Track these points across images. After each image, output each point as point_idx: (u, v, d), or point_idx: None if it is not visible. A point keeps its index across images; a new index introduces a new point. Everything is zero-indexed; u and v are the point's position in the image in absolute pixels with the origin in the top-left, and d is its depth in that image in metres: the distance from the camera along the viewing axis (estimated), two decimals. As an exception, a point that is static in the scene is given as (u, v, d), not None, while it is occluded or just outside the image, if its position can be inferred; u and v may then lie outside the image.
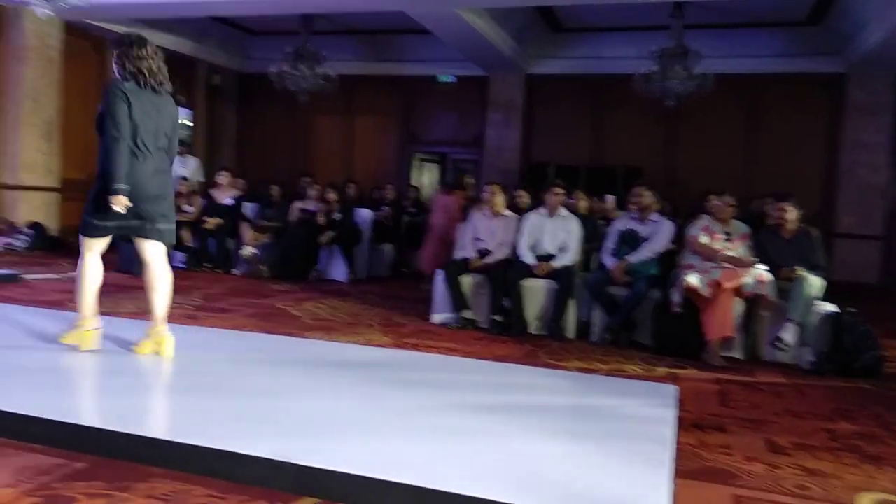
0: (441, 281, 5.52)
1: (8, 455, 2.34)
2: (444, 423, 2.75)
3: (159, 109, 3.46)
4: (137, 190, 3.35)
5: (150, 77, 3.42)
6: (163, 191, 3.51)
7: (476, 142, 11.60)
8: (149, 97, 3.41)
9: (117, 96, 3.31)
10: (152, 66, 3.43)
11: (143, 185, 3.38)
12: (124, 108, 3.30)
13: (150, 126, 3.39)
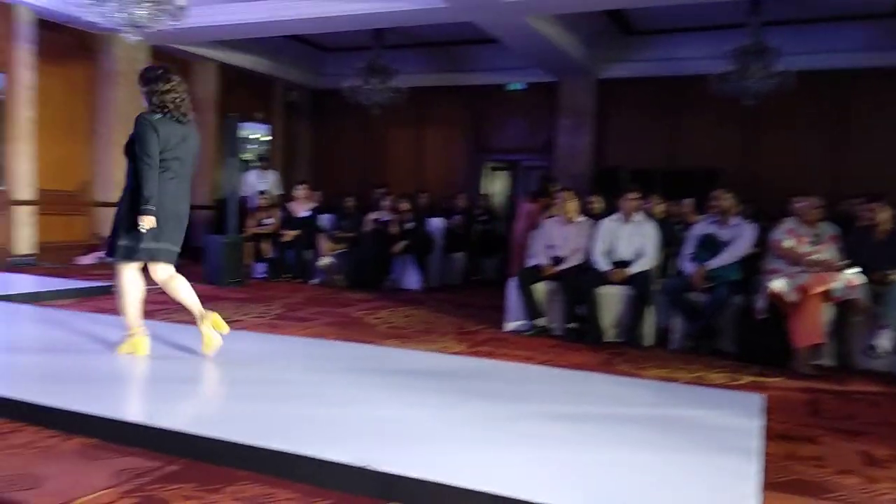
0: (514, 288, 5.51)
1: (106, 458, 2.48)
2: (522, 431, 2.74)
3: (184, 138, 3.69)
4: (163, 211, 3.60)
5: (174, 109, 3.64)
6: (183, 214, 3.79)
7: (546, 148, 11.51)
8: (174, 127, 3.64)
9: (146, 126, 3.55)
10: (176, 99, 3.65)
11: (167, 207, 3.63)
12: (154, 137, 3.55)
13: (174, 154, 3.63)
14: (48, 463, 2.42)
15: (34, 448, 2.55)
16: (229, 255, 7.51)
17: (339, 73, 11.60)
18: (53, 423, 2.72)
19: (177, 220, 3.76)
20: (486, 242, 9.57)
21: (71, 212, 9.48)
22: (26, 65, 8.56)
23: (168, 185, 3.64)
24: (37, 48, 8.65)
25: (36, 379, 3.35)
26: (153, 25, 6.50)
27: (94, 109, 9.76)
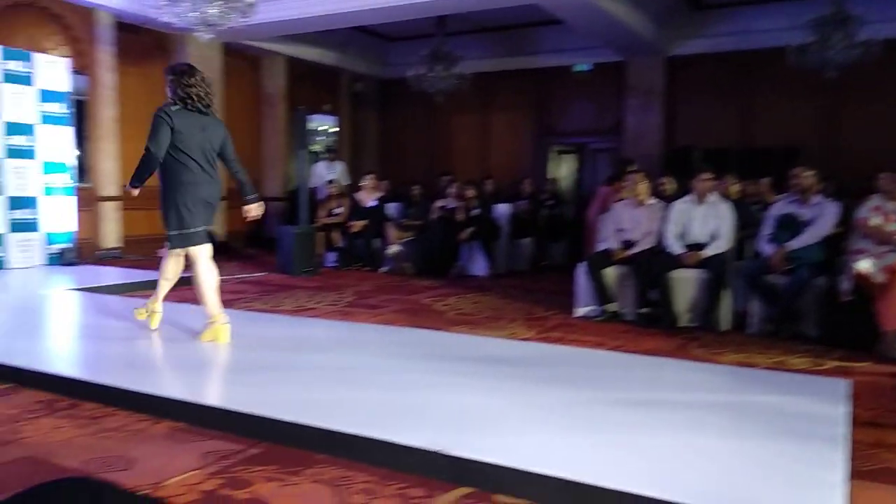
0: (583, 273, 5.44)
1: (193, 441, 2.60)
2: (593, 417, 2.72)
3: (204, 128, 3.89)
4: (196, 198, 3.85)
5: (196, 101, 3.85)
6: (211, 198, 3.98)
7: (615, 129, 11.28)
8: (195, 118, 3.85)
9: (161, 118, 3.78)
10: (199, 92, 3.86)
11: (201, 193, 3.86)
12: (167, 130, 3.76)
13: (195, 142, 3.83)
14: (139, 445, 2.55)
15: (126, 431, 2.70)
16: (301, 245, 7.69)
17: (403, 62, 11.67)
18: (143, 407, 2.88)
19: (205, 205, 3.95)
20: (554, 227, 9.48)
21: (152, 206, 9.86)
22: (107, 66, 8.97)
23: (193, 173, 3.85)
24: (116, 50, 9.04)
25: (126, 366, 3.53)
26: (224, 23, 6.70)
27: (171, 107, 10.13)
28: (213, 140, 3.94)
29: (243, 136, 11.26)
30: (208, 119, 3.93)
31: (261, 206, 4.24)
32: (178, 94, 3.84)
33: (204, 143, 3.88)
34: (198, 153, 3.85)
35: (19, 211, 7.19)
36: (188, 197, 3.83)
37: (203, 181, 3.89)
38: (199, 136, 3.86)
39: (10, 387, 3.24)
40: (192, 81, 3.85)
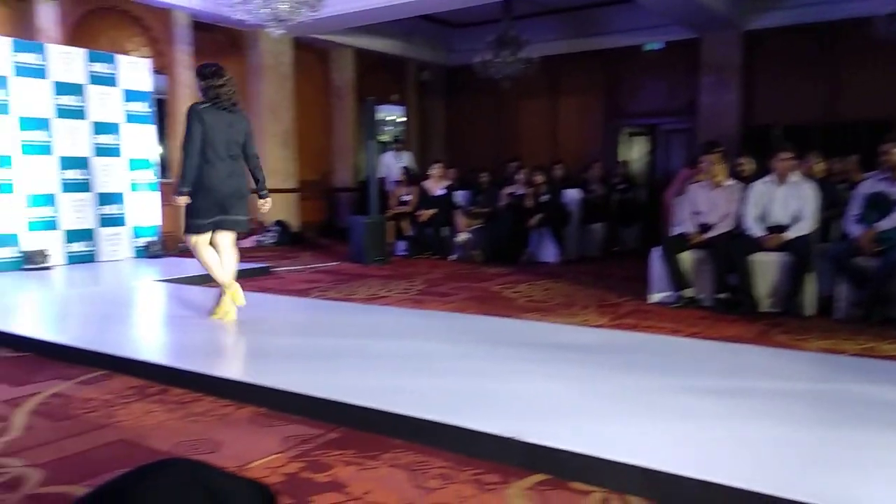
0: (658, 258, 5.32)
1: (275, 425, 2.69)
2: (671, 405, 2.66)
3: (231, 125, 4.17)
4: (215, 190, 4.10)
5: (223, 99, 4.14)
6: (236, 190, 4.22)
7: (688, 109, 10.93)
8: (223, 115, 4.14)
9: (193, 118, 4.06)
10: (228, 91, 4.16)
11: (218, 186, 4.11)
12: (199, 127, 4.04)
13: (222, 138, 4.10)
14: (224, 429, 2.66)
15: (212, 416, 2.82)
16: (372, 234, 7.82)
17: (469, 48, 11.62)
18: (227, 393, 3.00)
19: (227, 197, 4.20)
20: (626, 211, 9.30)
21: (230, 199, 10.25)
22: (185, 65, 9.31)
23: (220, 168, 4.12)
24: (193, 49, 9.38)
25: (210, 353, 3.69)
26: (294, 18, 6.84)
27: (246, 103, 10.44)
28: (237, 136, 4.21)
29: (314, 128, 11.51)
30: (235, 116, 4.22)
31: (269, 201, 4.56)
32: (209, 94, 4.14)
33: (230, 139, 4.16)
34: (222, 149, 4.13)
35: (107, 207, 7.58)
36: (211, 189, 4.12)
37: (226, 174, 4.16)
38: (226, 132, 4.14)
39: (103, 373, 3.43)
40: (221, 82, 4.14)
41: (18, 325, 4.51)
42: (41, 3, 7.77)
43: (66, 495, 2.09)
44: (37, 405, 2.97)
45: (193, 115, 4.06)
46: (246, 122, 4.34)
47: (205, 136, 4.06)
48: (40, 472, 2.26)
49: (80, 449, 2.47)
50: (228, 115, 4.16)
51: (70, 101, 7.19)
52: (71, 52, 7.29)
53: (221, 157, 4.12)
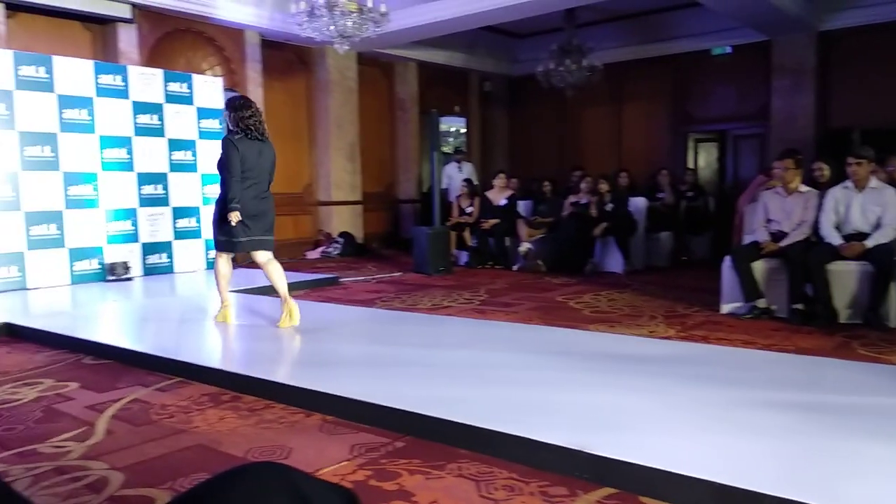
0: (729, 268, 5.16)
1: (342, 433, 2.74)
2: (745, 419, 2.57)
3: (261, 152, 4.47)
4: (245, 211, 4.39)
5: (254, 130, 4.43)
6: (262, 211, 4.52)
7: (760, 114, 10.60)
8: (254, 144, 4.43)
9: (231, 147, 4.38)
10: (255, 122, 4.44)
11: (248, 208, 4.41)
12: (236, 155, 4.35)
13: (252, 164, 4.41)
14: (295, 436, 2.73)
15: (283, 423, 2.89)
16: (435, 244, 7.87)
17: (532, 58, 11.61)
18: (297, 400, 3.07)
19: (262, 217, 4.53)
20: (694, 220, 9.07)
21: (298, 212, 10.53)
22: (255, 82, 9.62)
23: (249, 191, 4.42)
24: (262, 66, 9.69)
25: (280, 362, 3.79)
26: (360, 34, 6.99)
27: (313, 117, 10.72)
28: (266, 163, 4.54)
29: (378, 140, 11.70)
30: (263, 145, 4.51)
31: None
32: (239, 126, 4.43)
33: (261, 166, 4.49)
34: (254, 174, 4.45)
35: (183, 220, 7.89)
36: (244, 211, 4.39)
37: (257, 198, 4.48)
38: (257, 160, 4.46)
39: (179, 381, 3.57)
40: (249, 113, 4.44)
41: (101, 333, 4.74)
42: (122, 26, 8.18)
43: (147, 498, 2.18)
44: (118, 410, 3.12)
45: (230, 144, 4.40)
46: (273, 153, 4.64)
47: (253, 165, 4.41)
48: (122, 475, 2.36)
49: (159, 453, 2.58)
50: (259, 144, 4.48)
51: (148, 120, 7.54)
52: (149, 72, 7.65)
53: (254, 182, 4.45)
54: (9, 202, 6.53)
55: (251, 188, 4.44)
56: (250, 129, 4.43)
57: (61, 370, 3.89)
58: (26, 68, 6.60)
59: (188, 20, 8.82)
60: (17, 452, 2.61)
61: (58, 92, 6.81)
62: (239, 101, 4.53)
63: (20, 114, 6.56)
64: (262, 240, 4.58)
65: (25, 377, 3.75)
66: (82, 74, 7.01)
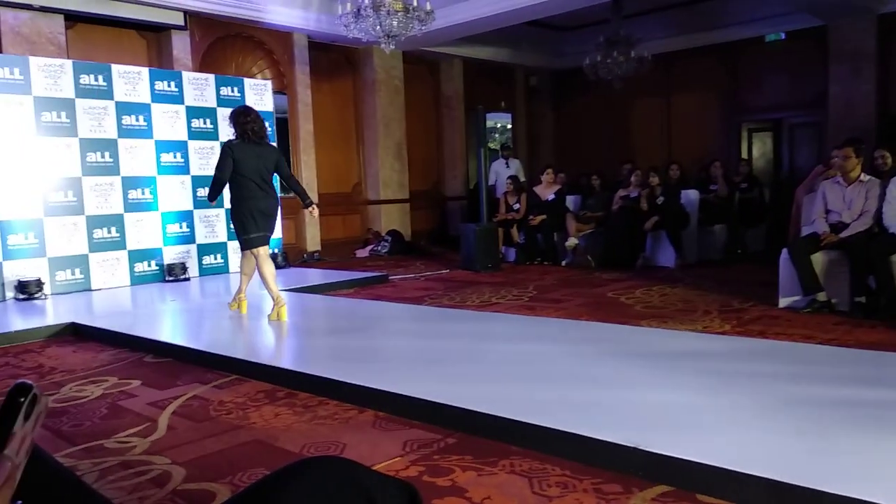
0: (786, 260, 5.02)
1: (395, 429, 2.77)
2: (804, 416, 2.50)
3: (259, 155, 4.87)
4: (254, 210, 4.83)
5: (252, 135, 4.83)
6: (267, 210, 4.93)
7: (817, 102, 10.25)
8: (252, 148, 4.84)
9: (225, 153, 4.83)
10: (254, 127, 4.84)
11: (259, 205, 4.84)
12: (229, 161, 4.77)
13: (252, 166, 4.81)
14: (349, 432, 2.77)
15: (337, 419, 2.93)
16: (483, 241, 7.87)
17: (578, 51, 11.48)
18: (350, 397, 3.11)
19: (262, 215, 4.90)
20: (749, 212, 8.83)
21: (347, 211, 10.66)
22: (304, 84, 9.78)
23: (251, 191, 4.83)
24: (310, 68, 9.84)
25: (334, 358, 3.84)
26: (405, 32, 7.03)
27: (360, 117, 10.84)
28: (267, 164, 4.91)
29: (424, 138, 11.75)
30: (263, 147, 4.93)
31: (315, 209, 5.32)
32: (237, 131, 4.87)
33: (260, 167, 4.86)
34: (255, 175, 4.83)
35: (236, 221, 8.07)
36: (248, 210, 4.84)
37: (259, 197, 4.86)
38: (255, 162, 4.84)
39: (236, 377, 3.66)
40: (247, 119, 4.85)
41: (161, 332, 4.90)
42: (176, 34, 8.41)
43: (208, 492, 2.25)
44: (178, 407, 3.21)
45: (225, 150, 4.84)
46: (275, 151, 5.08)
47: (237, 166, 4.78)
48: (183, 470, 2.44)
49: (218, 448, 2.65)
50: (256, 147, 4.87)
51: (201, 124, 7.74)
52: (202, 77, 7.85)
53: (255, 182, 4.84)
54: (72, 206, 6.79)
55: (254, 188, 4.84)
56: (247, 133, 4.82)
57: (124, 368, 4.04)
58: (86, 77, 6.86)
59: (238, 25, 9.01)
60: (84, 448, 2.71)
61: (116, 99, 7.05)
62: (240, 109, 4.99)
63: (81, 121, 6.81)
64: (267, 235, 5.01)
65: (91, 375, 3.90)
66: (139, 81, 7.23)
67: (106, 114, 6.97)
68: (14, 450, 0.53)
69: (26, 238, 6.53)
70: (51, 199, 6.66)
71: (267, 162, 4.91)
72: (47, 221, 6.65)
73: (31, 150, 6.53)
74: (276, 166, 4.99)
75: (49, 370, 4.05)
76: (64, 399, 3.40)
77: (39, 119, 6.57)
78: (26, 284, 6.34)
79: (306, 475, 0.78)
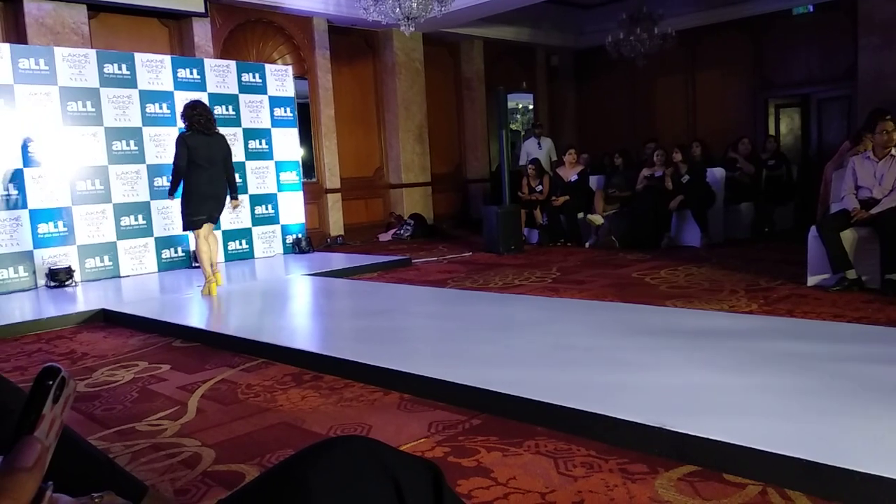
0: (815, 238, 4.94)
1: (420, 411, 2.79)
2: (836, 395, 2.47)
3: (209, 144, 5.47)
4: (200, 193, 5.45)
5: (200, 126, 5.43)
6: (214, 193, 5.53)
7: (847, 75, 10.02)
8: (202, 137, 5.44)
9: (179, 143, 5.43)
10: (200, 119, 5.42)
11: (202, 190, 5.46)
12: (184, 149, 5.37)
13: (203, 154, 5.42)
14: (375, 414, 2.79)
15: (363, 401, 2.96)
16: (505, 223, 7.84)
17: (600, 29, 11.33)
18: (375, 379, 3.14)
19: (208, 198, 5.50)
20: (777, 190, 8.69)
21: (369, 195, 10.69)
22: (324, 69, 9.78)
23: (202, 176, 5.43)
24: (330, 52, 9.83)
25: (358, 341, 3.87)
26: (425, 14, 6.99)
27: (381, 100, 10.82)
28: (216, 153, 5.50)
29: (445, 121, 11.71)
30: (212, 138, 5.51)
31: (238, 202, 5.91)
32: (186, 123, 5.46)
33: (209, 155, 5.45)
34: (204, 161, 5.41)
35: (260, 207, 8.14)
36: (196, 193, 5.44)
37: (205, 182, 5.45)
38: (205, 150, 5.43)
39: (263, 361, 3.70)
40: (194, 112, 5.43)
41: (189, 317, 4.97)
42: (197, 21, 8.45)
43: (238, 473, 2.29)
44: (207, 390, 3.27)
45: (180, 140, 5.43)
46: (223, 140, 5.61)
47: (190, 153, 5.36)
48: (213, 452, 2.48)
49: (246, 431, 2.69)
50: (206, 137, 5.45)
51: (224, 111, 7.79)
52: (223, 64, 7.88)
53: (204, 169, 5.42)
54: (100, 195, 6.89)
55: (206, 174, 5.43)
56: (195, 124, 5.40)
57: (154, 353, 4.11)
58: (110, 66, 6.93)
59: (258, 11, 9.03)
60: (116, 431, 2.77)
61: (140, 87, 7.12)
62: (189, 103, 5.54)
63: (106, 110, 6.89)
64: (213, 216, 5.60)
65: (122, 360, 3.98)
66: (161, 69, 7.29)
67: (130, 102, 7.04)
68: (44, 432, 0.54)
69: (56, 226, 6.65)
70: (78, 187, 6.77)
71: (216, 151, 5.49)
72: (76, 210, 6.76)
73: (59, 140, 6.63)
74: (223, 156, 5.57)
75: (81, 356, 4.14)
76: (96, 384, 3.47)
77: (65, 109, 6.66)
78: (57, 272, 6.46)
79: (331, 454, 0.78)
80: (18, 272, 6.42)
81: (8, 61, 6.31)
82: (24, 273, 6.45)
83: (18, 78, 6.38)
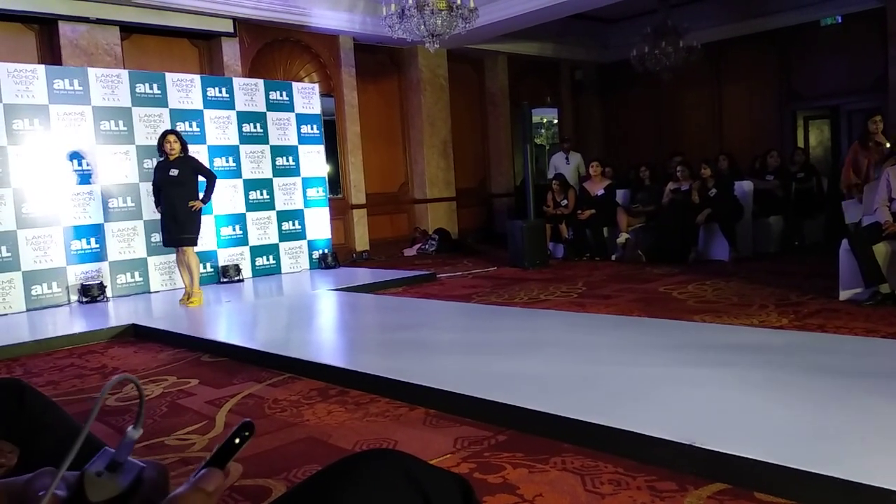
0: (846, 251, 4.85)
1: (445, 426, 2.78)
2: (867, 412, 2.41)
3: (170, 168, 5.94)
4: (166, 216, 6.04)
5: (168, 153, 5.95)
6: (175, 217, 5.95)
7: (877, 86, 9.86)
8: (167, 164, 5.97)
9: (154, 171, 6.17)
10: (166, 146, 5.93)
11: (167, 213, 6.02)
12: (155, 176, 6.09)
13: (165, 179, 5.96)
14: (400, 429, 2.79)
15: (388, 416, 2.96)
16: (530, 237, 7.82)
17: (624, 43, 11.31)
18: (401, 394, 3.14)
19: (171, 220, 5.98)
20: (806, 202, 8.56)
21: (394, 210, 10.75)
22: (350, 86, 9.89)
23: (165, 200, 5.97)
24: (356, 70, 9.94)
25: (384, 356, 3.89)
26: (450, 31, 7.05)
27: (406, 117, 10.90)
28: (181, 176, 5.95)
29: (470, 136, 11.75)
30: (178, 163, 5.96)
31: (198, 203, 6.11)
32: (160, 151, 6.03)
33: (172, 180, 5.92)
34: (167, 186, 5.94)
35: (287, 222, 8.23)
36: (163, 216, 6.08)
37: (168, 205, 5.96)
38: (166, 175, 5.93)
39: (290, 376, 3.73)
40: (162, 142, 5.97)
41: (217, 332, 5.03)
42: (226, 41, 8.61)
43: (265, 488, 2.30)
44: (234, 405, 3.30)
45: (154, 169, 6.18)
46: (188, 162, 6.05)
47: (156, 180, 6.07)
48: (240, 466, 2.49)
49: (273, 445, 2.70)
50: (170, 163, 5.95)
51: (252, 129, 7.91)
52: (252, 83, 8.02)
53: (166, 192, 5.95)
54: (131, 212, 7.03)
55: (168, 198, 5.94)
56: (164, 152, 5.98)
57: (182, 367, 4.16)
58: (141, 86, 7.08)
59: (285, 30, 9.18)
60: (146, 445, 2.81)
61: (170, 106, 7.26)
62: (161, 135, 6.05)
63: (138, 128, 7.04)
64: (180, 238, 6.04)
65: (151, 374, 4.03)
66: (191, 88, 7.43)
67: (161, 121, 7.18)
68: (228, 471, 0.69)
69: (88, 243, 6.78)
70: (110, 204, 6.91)
71: (184, 174, 5.96)
72: (107, 227, 6.89)
73: (92, 158, 6.78)
74: (195, 172, 6.06)
75: (112, 370, 4.21)
76: (126, 398, 3.52)
77: (98, 128, 6.81)
78: (89, 288, 6.58)
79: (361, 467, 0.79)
80: (52, 288, 6.56)
81: (43, 82, 6.49)
82: (58, 289, 6.58)
83: (53, 98, 6.55)
